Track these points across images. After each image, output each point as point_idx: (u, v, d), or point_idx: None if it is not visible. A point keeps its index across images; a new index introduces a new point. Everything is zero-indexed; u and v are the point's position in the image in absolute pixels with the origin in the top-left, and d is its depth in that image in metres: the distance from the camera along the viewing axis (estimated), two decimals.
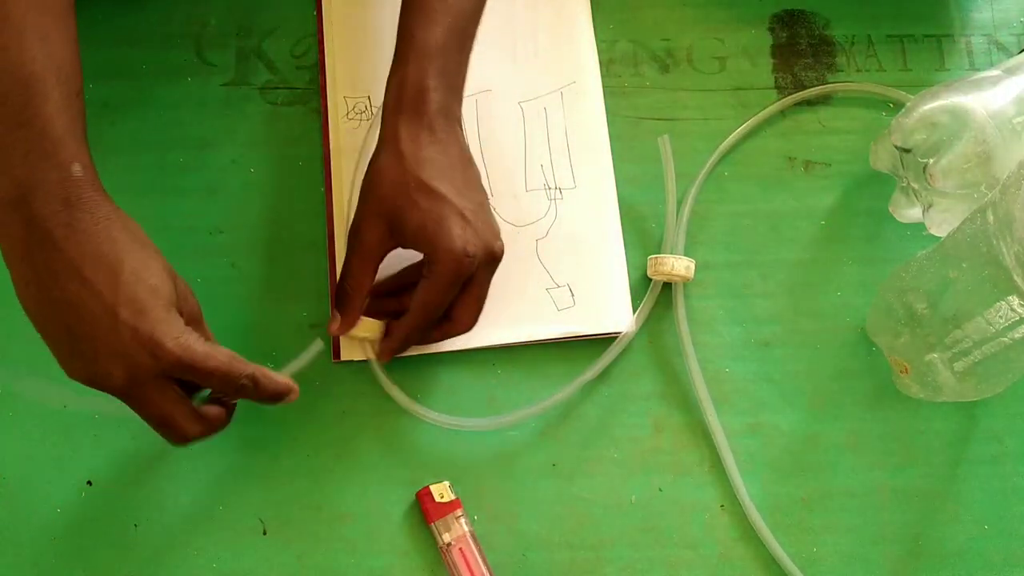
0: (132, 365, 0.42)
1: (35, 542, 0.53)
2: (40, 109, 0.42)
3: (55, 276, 0.42)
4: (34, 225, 0.42)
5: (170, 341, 0.43)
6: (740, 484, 0.54)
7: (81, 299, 0.42)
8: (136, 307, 0.42)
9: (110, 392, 0.43)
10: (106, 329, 0.42)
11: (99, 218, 0.43)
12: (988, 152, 0.51)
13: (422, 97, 0.51)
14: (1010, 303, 0.46)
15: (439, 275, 0.49)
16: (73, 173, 0.42)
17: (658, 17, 0.64)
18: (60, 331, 0.43)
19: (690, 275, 0.56)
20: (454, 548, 0.52)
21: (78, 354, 0.43)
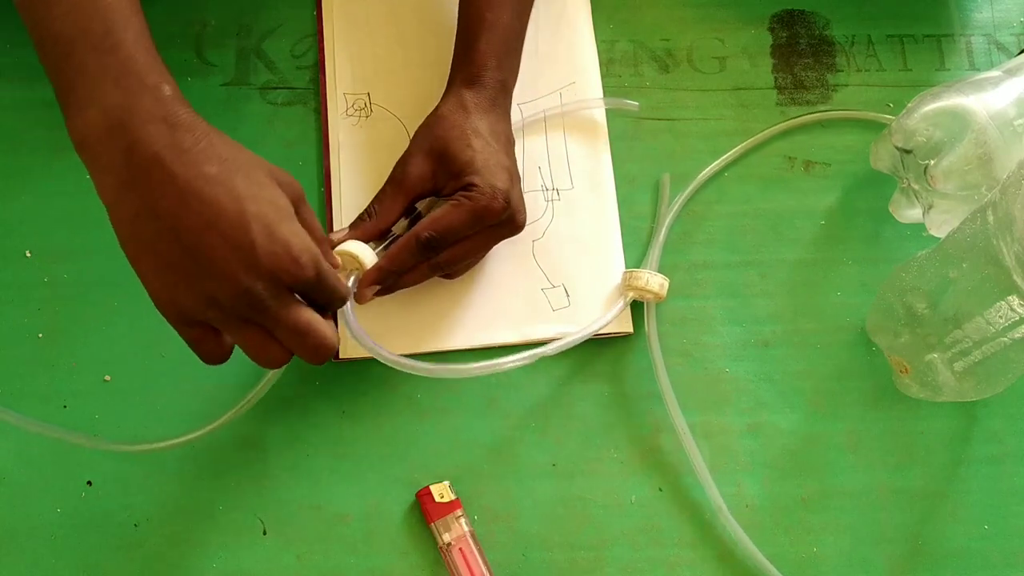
0: (273, 278, 0.42)
1: (35, 542, 0.53)
2: (122, 36, 0.41)
3: (171, 201, 0.40)
4: (137, 150, 0.40)
5: (305, 255, 0.42)
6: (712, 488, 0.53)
7: (206, 221, 0.41)
8: (265, 222, 0.41)
9: (247, 312, 0.42)
10: (241, 247, 0.41)
11: (199, 136, 0.42)
12: (989, 154, 0.51)
13: (488, 74, 0.54)
14: (1010, 303, 0.46)
15: (471, 202, 0.50)
16: (165, 93, 0.42)
17: (658, 17, 0.64)
18: (181, 257, 0.41)
19: (663, 294, 0.56)
20: (454, 548, 0.52)
21: (207, 275, 0.41)
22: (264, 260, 0.41)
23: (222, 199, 0.41)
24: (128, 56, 0.41)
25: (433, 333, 0.57)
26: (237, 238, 0.41)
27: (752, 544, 0.53)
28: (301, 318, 0.43)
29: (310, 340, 0.44)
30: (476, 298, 0.57)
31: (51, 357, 0.56)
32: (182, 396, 0.55)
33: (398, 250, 0.51)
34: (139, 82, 0.41)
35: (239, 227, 0.41)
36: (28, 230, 0.58)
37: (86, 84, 0.41)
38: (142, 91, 0.41)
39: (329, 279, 0.44)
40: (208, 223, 0.41)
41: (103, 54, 0.41)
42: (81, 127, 0.41)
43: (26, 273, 0.57)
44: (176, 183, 0.40)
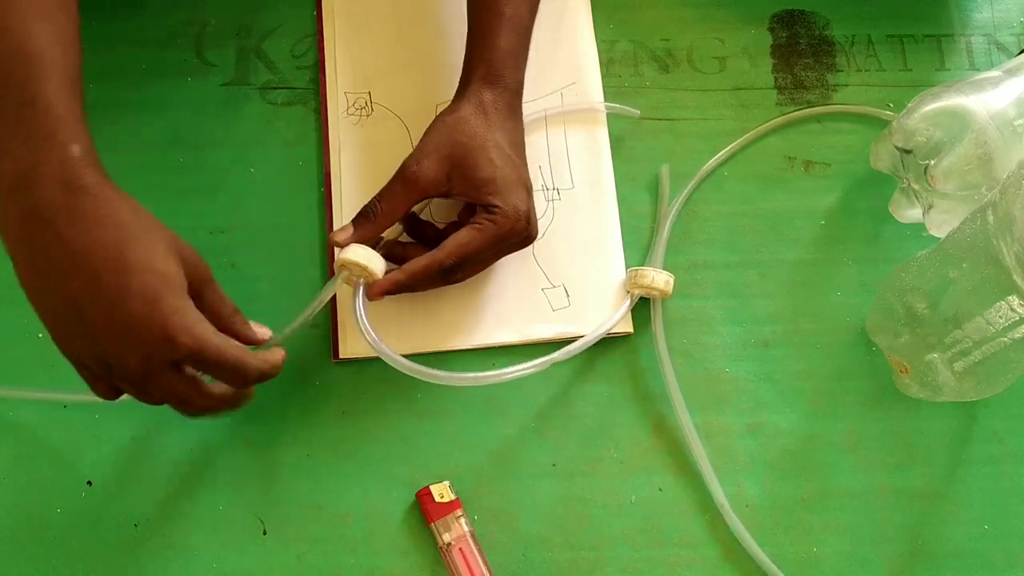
0: (148, 353, 0.42)
1: (35, 542, 0.53)
2: (42, 89, 0.41)
3: (60, 266, 0.41)
4: (36, 212, 0.41)
5: (183, 334, 0.42)
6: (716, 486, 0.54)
7: (89, 291, 0.41)
8: (146, 298, 0.41)
9: (121, 375, 0.43)
10: (118, 322, 0.41)
11: (100, 202, 0.42)
12: (989, 154, 0.51)
13: (509, 72, 0.53)
14: (1010, 303, 0.46)
15: (495, 226, 0.50)
16: (72, 154, 0.41)
17: (658, 17, 0.64)
18: (68, 315, 0.42)
19: (668, 290, 0.56)
20: (454, 548, 0.52)
21: (90, 338, 0.42)
22: (141, 335, 0.41)
23: (107, 268, 0.41)
24: (44, 112, 0.41)
25: (433, 333, 0.57)
26: (115, 311, 0.41)
27: (754, 543, 0.53)
28: (175, 391, 0.44)
29: (187, 409, 0.45)
30: (476, 298, 0.57)
31: (51, 357, 0.55)
32: None
33: (421, 272, 0.51)
34: (49, 140, 0.41)
35: (118, 301, 0.41)
36: None
37: (2, 133, 0.41)
38: (50, 150, 0.41)
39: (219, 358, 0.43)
40: (90, 292, 0.41)
41: (21, 105, 0.41)
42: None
43: None
44: (66, 247, 0.41)
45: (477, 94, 0.53)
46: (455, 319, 0.57)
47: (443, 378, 0.51)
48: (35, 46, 0.42)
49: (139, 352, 0.42)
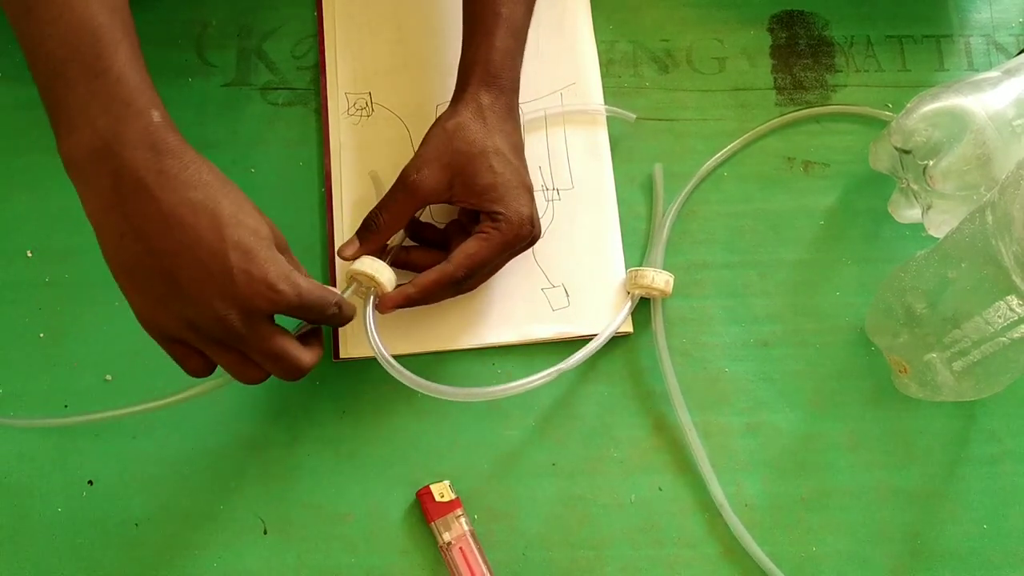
0: (249, 307, 0.43)
1: (35, 542, 0.53)
2: (113, 60, 0.42)
3: (154, 225, 0.42)
4: (124, 174, 0.41)
5: (283, 282, 0.43)
6: (715, 486, 0.54)
7: (186, 246, 0.42)
8: (243, 250, 0.42)
9: (223, 336, 0.43)
10: (218, 275, 0.42)
11: (187, 163, 0.43)
12: (988, 154, 0.51)
13: (506, 73, 0.53)
14: (1009, 303, 0.46)
15: (502, 233, 0.51)
16: (154, 119, 0.42)
17: (658, 17, 0.65)
18: (161, 280, 0.42)
19: (668, 290, 0.56)
20: (454, 547, 0.52)
21: (186, 300, 0.42)
22: (241, 288, 0.42)
23: (203, 225, 0.42)
24: (118, 80, 0.42)
25: (434, 333, 0.57)
26: (214, 265, 0.42)
27: (753, 543, 0.53)
28: (274, 346, 0.44)
29: (283, 365, 0.45)
30: (477, 298, 0.57)
31: (52, 357, 0.56)
32: None
33: (432, 285, 0.51)
34: (128, 107, 0.42)
35: (217, 254, 0.42)
36: (28, 230, 0.58)
37: (76, 106, 0.42)
38: (130, 116, 0.42)
39: (313, 302, 0.45)
40: (187, 248, 0.42)
41: (93, 77, 0.42)
42: (70, 149, 0.42)
43: (27, 273, 0.57)
44: (159, 207, 0.42)
45: (475, 98, 0.52)
46: (456, 319, 0.57)
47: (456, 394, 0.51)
48: (99, 20, 0.42)
49: (241, 304, 0.42)
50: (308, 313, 0.46)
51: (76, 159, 0.42)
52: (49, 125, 0.42)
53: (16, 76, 0.61)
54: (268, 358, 0.45)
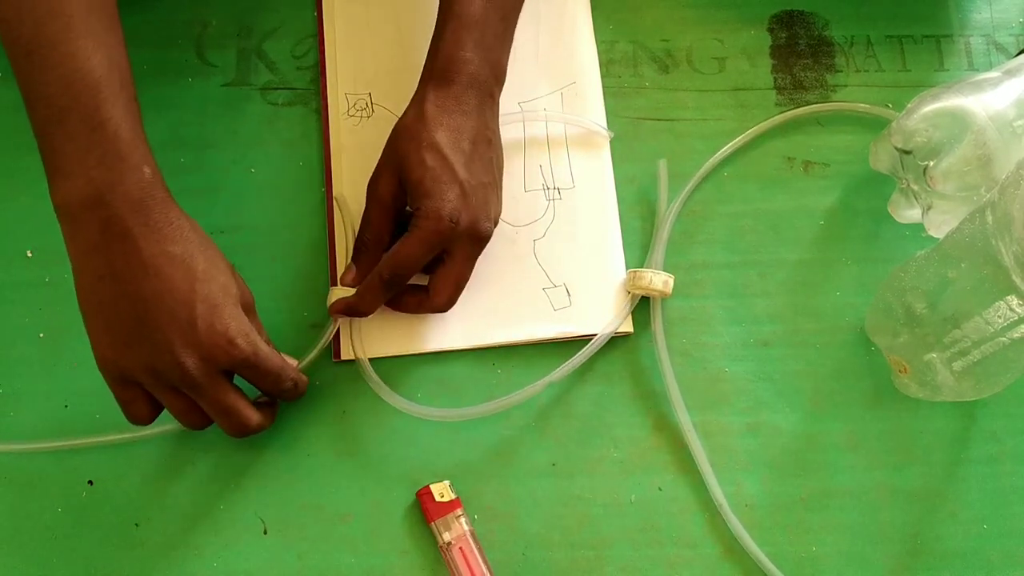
0: (206, 357, 0.46)
1: (35, 542, 0.53)
2: (110, 113, 0.44)
3: (133, 271, 0.45)
4: (112, 223, 0.45)
5: (242, 339, 0.46)
6: (715, 486, 0.54)
7: (159, 293, 0.45)
8: (210, 303, 0.46)
9: (178, 382, 0.46)
10: (183, 323, 0.45)
11: (171, 218, 0.46)
12: (988, 155, 0.51)
13: (455, 67, 0.52)
14: (1009, 303, 0.46)
15: (418, 230, 0.50)
16: (145, 175, 0.45)
17: (658, 17, 0.65)
18: (129, 322, 0.45)
19: (668, 290, 0.56)
20: (454, 547, 0.52)
21: (148, 344, 0.45)
22: (202, 337, 0.45)
23: (177, 276, 0.45)
24: (114, 135, 0.44)
25: (434, 332, 0.57)
26: (181, 313, 0.45)
27: (753, 543, 0.53)
28: (225, 399, 0.48)
29: (231, 420, 0.48)
30: (477, 297, 0.57)
31: (52, 357, 0.56)
32: None
33: (365, 290, 0.52)
34: (123, 161, 0.45)
35: (186, 303, 0.45)
36: (28, 230, 0.58)
37: (74, 155, 0.44)
38: (125, 170, 0.45)
39: (269, 366, 0.48)
40: (159, 295, 0.45)
41: (92, 129, 0.44)
42: (64, 195, 0.45)
43: (27, 273, 0.57)
44: (140, 255, 0.45)
45: (420, 96, 0.52)
46: (456, 319, 0.57)
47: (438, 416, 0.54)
48: (97, 72, 0.45)
49: (200, 353, 0.45)
50: (264, 378, 0.49)
51: (68, 205, 0.45)
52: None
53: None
54: (218, 410, 0.48)
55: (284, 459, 0.55)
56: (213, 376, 0.47)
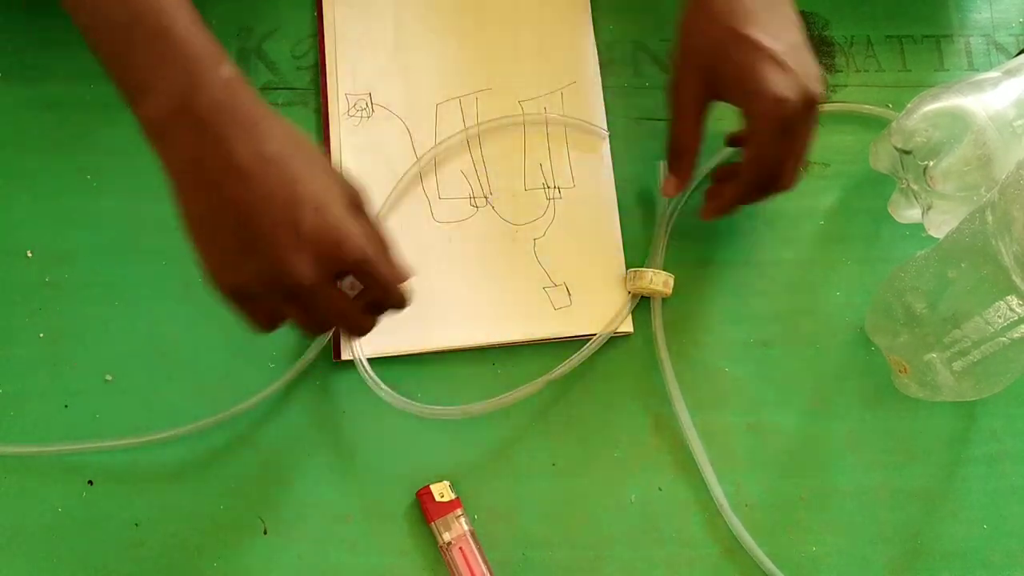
0: (319, 259, 0.43)
1: (35, 542, 0.53)
2: (175, 19, 0.42)
3: (228, 177, 0.42)
4: (200, 129, 0.42)
5: (353, 238, 0.43)
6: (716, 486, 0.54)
7: (259, 199, 0.42)
8: (314, 204, 0.42)
9: (287, 289, 0.43)
10: (288, 227, 0.42)
11: (260, 116, 0.43)
12: (988, 155, 0.52)
13: None
14: (1009, 303, 0.46)
15: (763, 127, 0.49)
16: (227, 74, 0.43)
17: (658, 17, 0.65)
18: (234, 232, 0.42)
19: (668, 290, 0.57)
20: (454, 547, 0.52)
21: (257, 254, 0.42)
22: (309, 240, 0.42)
23: (275, 177, 0.42)
24: (183, 40, 0.42)
25: (436, 331, 0.57)
26: (285, 217, 0.42)
27: (753, 542, 0.53)
28: (339, 304, 0.45)
29: (346, 323, 0.47)
30: (478, 296, 0.57)
31: (52, 357, 0.56)
32: (183, 396, 0.55)
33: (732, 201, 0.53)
34: (199, 64, 0.42)
35: (288, 206, 0.42)
36: (28, 230, 0.58)
37: (147, 68, 0.42)
38: (202, 72, 0.42)
39: (379, 267, 0.45)
40: (260, 200, 0.42)
41: (160, 38, 0.42)
42: (148, 111, 0.42)
43: (27, 273, 0.57)
44: (234, 159, 0.42)
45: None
46: (457, 318, 0.57)
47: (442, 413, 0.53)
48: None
49: (310, 258, 0.42)
50: (375, 283, 0.45)
51: (154, 121, 0.43)
52: (47, 124, 0.42)
53: (16, 76, 0.61)
54: (335, 314, 0.45)
55: (284, 459, 0.55)
56: (326, 281, 0.44)
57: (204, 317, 0.56)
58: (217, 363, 0.56)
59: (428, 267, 0.58)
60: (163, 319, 0.56)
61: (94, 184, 0.59)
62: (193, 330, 0.56)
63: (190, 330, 0.56)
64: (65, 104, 0.60)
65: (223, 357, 0.56)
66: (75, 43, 0.61)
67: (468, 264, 0.58)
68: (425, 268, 0.57)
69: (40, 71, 0.61)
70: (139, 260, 0.57)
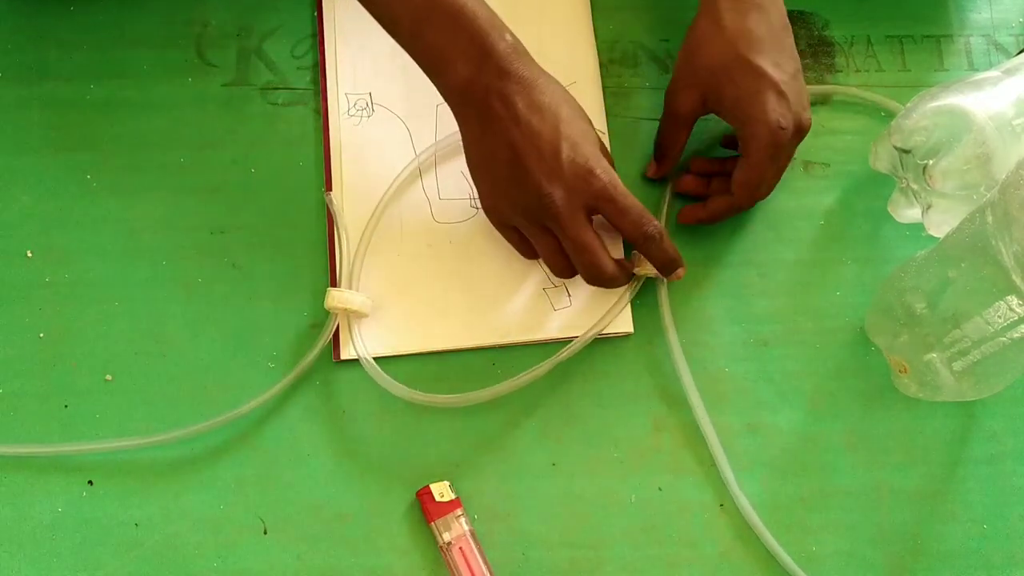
0: (570, 188, 0.50)
1: (35, 542, 0.53)
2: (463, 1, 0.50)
3: (506, 124, 0.50)
4: (490, 91, 0.50)
5: (600, 171, 0.50)
6: (734, 484, 0.54)
7: (529, 137, 0.50)
8: (572, 142, 0.50)
9: (544, 215, 0.51)
10: (550, 160, 0.50)
11: (536, 74, 0.51)
12: (988, 154, 0.51)
13: None
14: (1009, 303, 0.46)
15: (756, 151, 0.53)
16: (508, 42, 0.50)
17: (658, 17, 0.65)
18: (506, 167, 0.51)
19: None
20: (454, 547, 0.52)
21: (521, 183, 0.50)
22: (565, 171, 0.50)
23: (544, 120, 0.50)
24: (472, 16, 0.50)
25: (436, 332, 0.57)
26: (547, 152, 0.50)
27: (769, 534, 0.53)
28: (584, 236, 0.51)
29: (587, 258, 0.52)
30: (478, 297, 0.57)
31: (52, 357, 0.56)
32: (183, 396, 0.55)
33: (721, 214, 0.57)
34: (486, 37, 0.50)
35: (552, 143, 0.50)
36: (28, 230, 0.58)
37: (447, 45, 0.50)
38: (491, 44, 0.50)
39: (629, 204, 0.51)
40: (530, 139, 0.50)
41: (454, 19, 0.50)
42: (449, 83, 0.51)
43: (27, 273, 0.57)
44: (514, 108, 0.50)
45: (711, 4, 0.54)
46: (457, 318, 0.57)
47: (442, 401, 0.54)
48: None
49: (562, 186, 0.50)
50: (624, 215, 0.51)
51: (454, 89, 0.51)
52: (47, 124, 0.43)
53: (16, 76, 0.61)
54: (577, 246, 0.51)
55: (284, 459, 0.55)
56: (575, 210, 0.50)
57: (204, 317, 0.57)
58: (217, 363, 0.56)
59: (428, 267, 0.58)
60: (163, 319, 0.57)
61: (94, 184, 0.59)
62: (193, 330, 0.56)
63: (190, 330, 0.56)
64: (65, 104, 0.60)
65: (223, 357, 0.56)
66: (74, 43, 0.62)
67: (468, 264, 0.58)
68: (425, 268, 0.57)
69: (40, 71, 0.61)
70: (139, 260, 0.58)
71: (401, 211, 0.59)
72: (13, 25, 0.62)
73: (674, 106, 0.57)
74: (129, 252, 0.58)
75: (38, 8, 0.62)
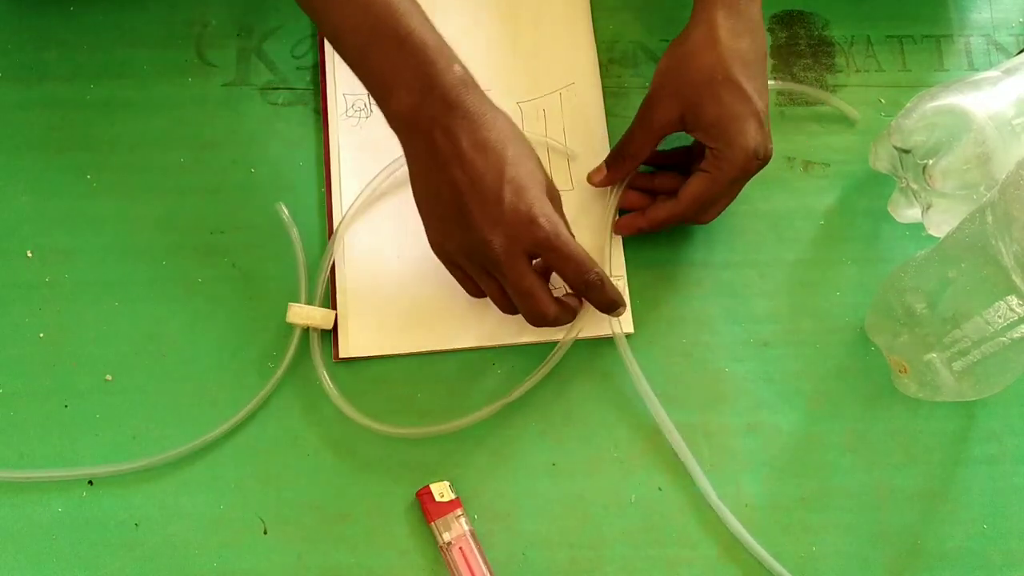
0: (511, 236, 0.48)
1: (35, 542, 0.53)
2: (411, 26, 0.48)
3: (450, 161, 0.48)
4: (434, 122, 0.48)
5: (543, 218, 0.49)
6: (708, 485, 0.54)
7: (472, 179, 0.48)
8: (517, 185, 0.48)
9: (484, 261, 0.49)
10: (492, 205, 0.48)
11: (484, 109, 0.49)
12: (987, 153, 0.52)
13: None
14: (1009, 303, 0.46)
15: (724, 171, 0.52)
16: (457, 73, 0.48)
17: (658, 17, 0.65)
18: (449, 207, 0.49)
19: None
20: (454, 547, 0.52)
21: (463, 226, 0.49)
22: (507, 216, 0.48)
23: (489, 163, 0.48)
24: (421, 44, 0.48)
25: (435, 332, 0.57)
26: (491, 196, 0.48)
27: (754, 542, 0.53)
28: (525, 282, 0.49)
29: (528, 304, 0.50)
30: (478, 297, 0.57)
31: (52, 357, 0.56)
32: (183, 396, 0.55)
33: (662, 222, 0.55)
34: (433, 66, 0.48)
35: (495, 187, 0.48)
36: (28, 230, 0.58)
37: (391, 70, 0.48)
38: (437, 74, 0.48)
39: (570, 252, 0.49)
40: (473, 179, 0.48)
41: (400, 44, 0.48)
42: (394, 108, 0.49)
43: (27, 273, 0.57)
44: (459, 145, 0.48)
45: (707, 18, 0.53)
46: (456, 318, 0.57)
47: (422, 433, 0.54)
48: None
49: (503, 232, 0.48)
50: (566, 263, 0.50)
51: (399, 115, 0.49)
52: (47, 124, 0.43)
53: (16, 76, 0.61)
54: (518, 291, 0.50)
55: (284, 459, 0.55)
56: (516, 256, 0.49)
57: (204, 317, 0.56)
58: (217, 363, 0.56)
59: (428, 268, 0.58)
60: (163, 319, 0.57)
61: (94, 184, 0.59)
62: (193, 330, 0.56)
63: (190, 330, 0.56)
64: (65, 104, 0.60)
65: (223, 357, 0.56)
66: (74, 43, 0.62)
67: None
68: (425, 269, 0.57)
69: (39, 71, 0.61)
70: (139, 260, 0.58)
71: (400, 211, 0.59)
72: (13, 25, 0.62)
73: (650, 116, 0.54)
74: (129, 252, 0.58)
75: (38, 8, 0.62)
